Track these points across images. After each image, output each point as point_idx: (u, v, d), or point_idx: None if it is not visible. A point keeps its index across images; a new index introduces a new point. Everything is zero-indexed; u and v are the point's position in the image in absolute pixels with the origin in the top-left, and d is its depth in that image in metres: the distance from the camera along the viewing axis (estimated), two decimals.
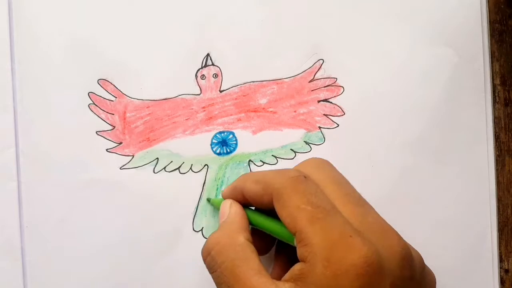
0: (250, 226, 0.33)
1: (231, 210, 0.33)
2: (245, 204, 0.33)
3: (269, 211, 0.31)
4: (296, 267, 0.27)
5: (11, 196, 0.37)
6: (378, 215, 0.30)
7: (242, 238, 0.30)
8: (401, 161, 0.38)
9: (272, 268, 0.34)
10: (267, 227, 0.32)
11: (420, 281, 0.29)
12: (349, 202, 0.29)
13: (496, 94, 0.38)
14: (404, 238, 0.30)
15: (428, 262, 0.36)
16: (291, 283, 0.27)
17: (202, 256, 0.31)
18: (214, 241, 0.30)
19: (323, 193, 0.29)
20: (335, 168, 0.33)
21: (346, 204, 0.29)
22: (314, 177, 0.31)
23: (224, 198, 0.34)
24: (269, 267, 0.35)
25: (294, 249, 0.30)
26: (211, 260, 0.30)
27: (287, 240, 0.30)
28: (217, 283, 0.30)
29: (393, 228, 0.30)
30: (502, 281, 0.37)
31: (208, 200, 0.37)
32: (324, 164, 0.32)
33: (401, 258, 0.28)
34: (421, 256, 0.30)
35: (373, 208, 0.31)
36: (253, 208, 0.33)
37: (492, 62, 0.38)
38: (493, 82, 0.38)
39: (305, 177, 0.30)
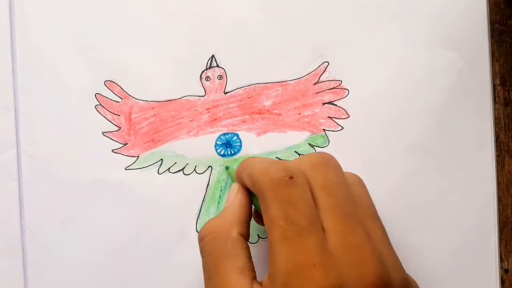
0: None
1: (236, 198, 0.31)
2: None
3: None
4: (265, 279, 0.26)
5: (11, 196, 0.36)
6: (366, 234, 0.27)
7: (235, 232, 0.29)
8: (405, 164, 0.37)
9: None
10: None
11: None
12: (336, 216, 0.26)
13: (496, 94, 0.38)
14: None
15: (429, 263, 0.37)
16: None
17: (198, 238, 0.31)
18: (209, 229, 0.30)
19: (306, 203, 0.26)
20: (338, 168, 0.29)
21: (331, 219, 0.26)
22: (309, 177, 0.28)
23: (236, 179, 0.32)
24: None
25: None
26: (203, 245, 0.30)
27: None
28: (203, 268, 0.30)
29: (376, 253, 0.26)
30: (502, 281, 0.37)
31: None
32: (324, 163, 0.29)
33: None
34: (412, 286, 0.28)
35: (366, 225, 0.27)
36: None
37: (492, 62, 0.38)
38: (493, 82, 0.38)
39: (291, 177, 0.27)
